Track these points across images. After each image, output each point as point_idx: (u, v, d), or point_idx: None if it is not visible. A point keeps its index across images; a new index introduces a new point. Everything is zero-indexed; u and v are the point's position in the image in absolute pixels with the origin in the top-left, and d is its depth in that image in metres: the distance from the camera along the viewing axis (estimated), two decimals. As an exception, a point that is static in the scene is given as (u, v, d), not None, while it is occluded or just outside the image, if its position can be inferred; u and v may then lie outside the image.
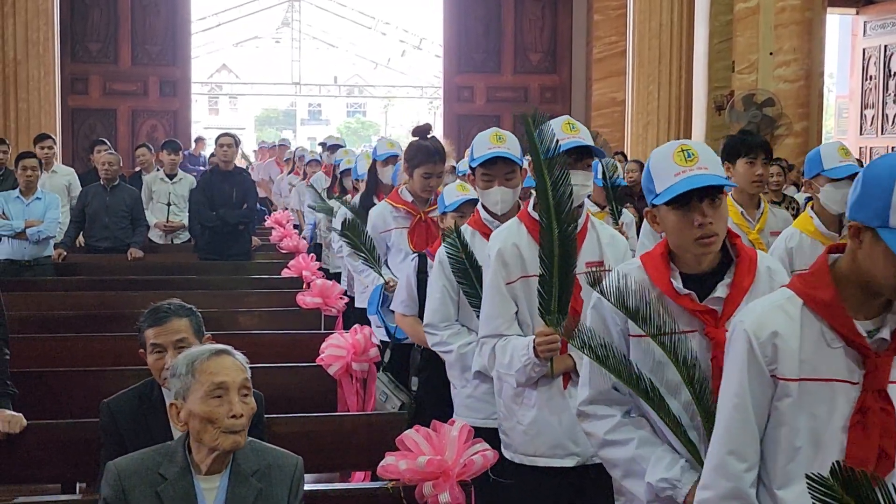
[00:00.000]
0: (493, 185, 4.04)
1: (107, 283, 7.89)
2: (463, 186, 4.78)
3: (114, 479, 2.82)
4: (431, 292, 4.21)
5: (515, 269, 3.55)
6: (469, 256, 3.95)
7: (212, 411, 2.82)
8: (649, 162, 2.86)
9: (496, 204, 4.06)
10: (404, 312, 4.73)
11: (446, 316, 4.15)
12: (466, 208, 4.63)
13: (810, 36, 12.66)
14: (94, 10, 17.04)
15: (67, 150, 15.30)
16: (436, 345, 4.18)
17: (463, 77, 18.31)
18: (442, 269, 4.13)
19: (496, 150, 4.02)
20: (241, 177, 9.34)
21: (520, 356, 3.46)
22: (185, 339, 3.47)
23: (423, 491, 3.17)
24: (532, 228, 3.53)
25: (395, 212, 5.58)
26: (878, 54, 17.19)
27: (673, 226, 2.77)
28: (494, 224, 4.00)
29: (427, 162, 5.34)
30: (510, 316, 3.58)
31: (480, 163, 4.04)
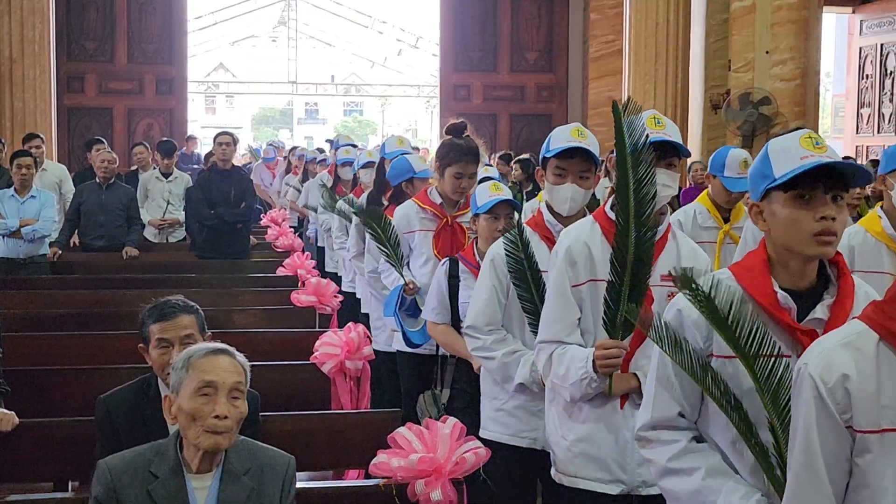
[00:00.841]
0: (565, 180, 3.70)
1: (102, 281, 7.88)
2: (496, 186, 4.49)
3: (105, 477, 2.81)
4: (479, 292, 3.92)
5: (584, 272, 3.25)
6: (529, 257, 3.66)
7: (197, 408, 2.81)
8: (767, 148, 2.50)
9: (565, 202, 3.72)
10: (436, 320, 4.53)
11: (492, 319, 3.86)
12: (500, 210, 4.39)
13: (806, 35, 12.66)
14: (91, 9, 17.02)
15: (63, 149, 15.28)
16: (477, 349, 3.88)
17: (459, 76, 18.31)
18: (493, 267, 3.85)
19: (576, 142, 3.67)
20: (240, 175, 9.36)
21: (577, 368, 3.18)
22: (191, 335, 3.48)
23: (416, 489, 3.17)
24: (607, 229, 3.23)
25: (421, 213, 5.23)
26: (875, 53, 17.20)
27: (787, 218, 2.41)
28: (558, 228, 3.71)
29: (459, 160, 5.05)
30: (572, 322, 3.27)
31: (556, 154, 3.69)
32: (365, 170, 7.93)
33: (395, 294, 5.14)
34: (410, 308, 5.08)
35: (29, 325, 6.30)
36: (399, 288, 5.11)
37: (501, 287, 3.84)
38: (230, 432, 2.83)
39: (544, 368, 3.34)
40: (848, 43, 18.33)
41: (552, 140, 3.72)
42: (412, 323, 5.04)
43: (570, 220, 3.66)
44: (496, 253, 3.85)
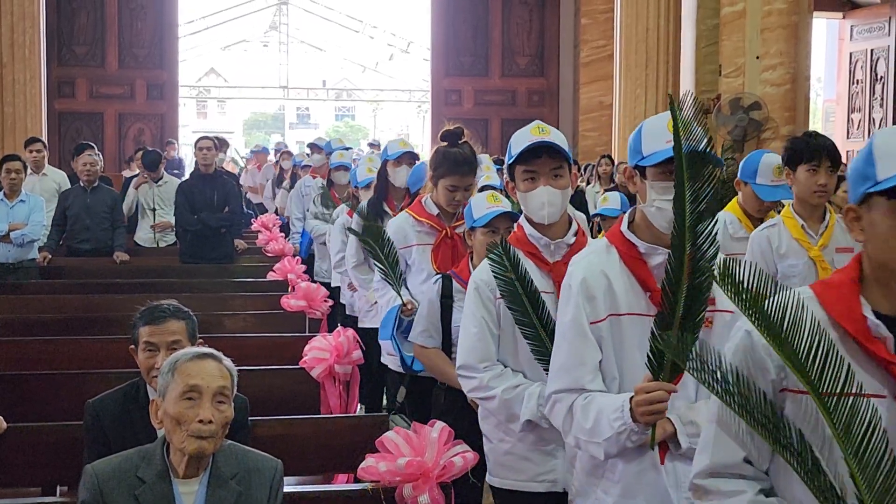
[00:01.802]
0: (537, 184, 3.32)
1: (91, 286, 7.86)
2: (495, 197, 4.11)
3: (91, 482, 2.81)
4: (466, 326, 3.47)
5: (603, 306, 2.81)
6: (522, 277, 3.18)
7: (182, 413, 2.81)
8: (871, 143, 2.07)
9: (541, 207, 3.32)
10: (424, 344, 4.16)
11: (486, 354, 3.42)
12: (500, 223, 4.01)
13: (797, 40, 12.68)
14: (81, 14, 17.03)
15: (54, 154, 15.22)
16: (474, 390, 3.44)
17: (451, 80, 18.33)
18: (479, 296, 3.43)
19: (539, 139, 3.29)
20: (223, 180, 9.32)
21: (611, 420, 2.69)
22: (179, 340, 3.47)
23: (403, 492, 3.17)
24: (627, 254, 2.84)
25: (417, 225, 4.83)
26: (865, 58, 17.26)
27: (889, 230, 1.98)
28: (542, 241, 3.37)
29: (453, 172, 4.64)
30: (594, 365, 2.81)
31: (520, 157, 3.31)
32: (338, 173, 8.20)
33: (392, 315, 4.77)
34: (408, 330, 4.62)
35: (18, 329, 6.28)
36: (396, 308, 4.75)
37: (491, 317, 3.42)
38: (215, 437, 2.82)
39: (564, 423, 2.85)
40: (838, 48, 18.39)
41: (513, 145, 3.38)
42: (410, 347, 4.60)
43: (554, 230, 3.38)
44: (479, 280, 3.45)
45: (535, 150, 3.30)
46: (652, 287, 2.78)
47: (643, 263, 2.82)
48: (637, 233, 2.85)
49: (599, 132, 17.13)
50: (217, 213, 9.02)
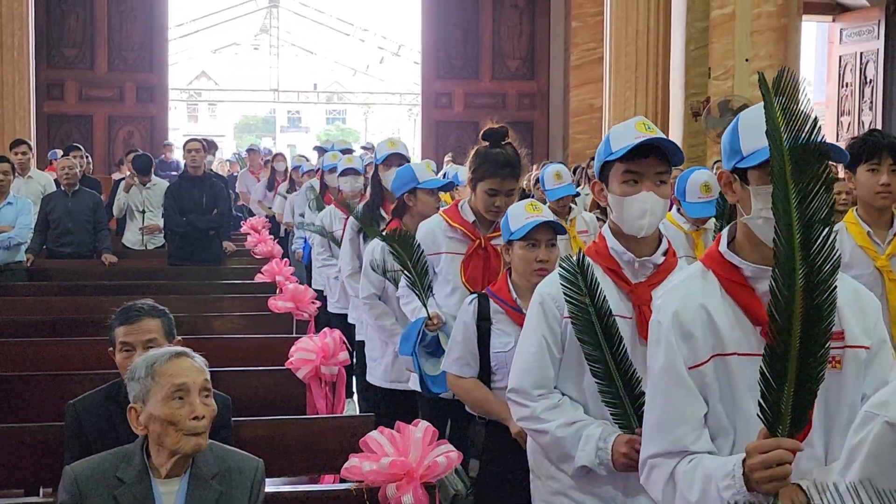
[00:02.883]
0: (640, 187, 2.85)
1: (79, 288, 7.83)
2: (534, 206, 3.67)
3: (70, 483, 2.79)
4: (524, 344, 3.06)
5: (704, 345, 2.29)
6: (597, 301, 2.74)
7: (173, 413, 2.79)
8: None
9: (643, 215, 2.85)
10: (460, 373, 3.71)
11: (542, 380, 3.00)
12: (540, 235, 3.59)
13: (786, 43, 12.71)
14: (71, 16, 17.00)
15: (43, 157, 15.20)
16: (525, 419, 3.04)
17: (441, 83, 18.34)
18: (543, 312, 3.01)
19: (647, 136, 2.83)
20: (211, 182, 9.30)
21: (721, 488, 2.16)
22: (155, 339, 3.44)
23: (387, 492, 3.15)
24: (728, 280, 2.32)
25: (449, 231, 4.40)
26: (854, 62, 17.30)
27: None
28: (626, 256, 2.93)
29: (493, 174, 4.19)
30: (698, 420, 2.28)
31: (623, 156, 2.83)
32: (344, 178, 7.76)
33: (415, 328, 4.33)
34: (431, 345, 4.30)
35: (4, 330, 6.26)
36: (421, 321, 4.32)
37: (554, 338, 2.99)
38: (207, 431, 2.83)
39: (664, 495, 2.33)
40: (828, 51, 18.43)
41: (613, 139, 2.90)
42: (433, 365, 4.26)
43: (642, 246, 2.93)
44: (546, 294, 3.02)
45: (642, 148, 2.82)
46: (763, 318, 2.20)
47: (750, 290, 2.30)
48: (740, 253, 2.32)
49: (590, 135, 17.14)
50: (206, 216, 8.99)
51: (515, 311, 3.59)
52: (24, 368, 5.30)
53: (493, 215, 4.29)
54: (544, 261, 3.58)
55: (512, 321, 3.60)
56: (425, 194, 4.99)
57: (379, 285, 5.05)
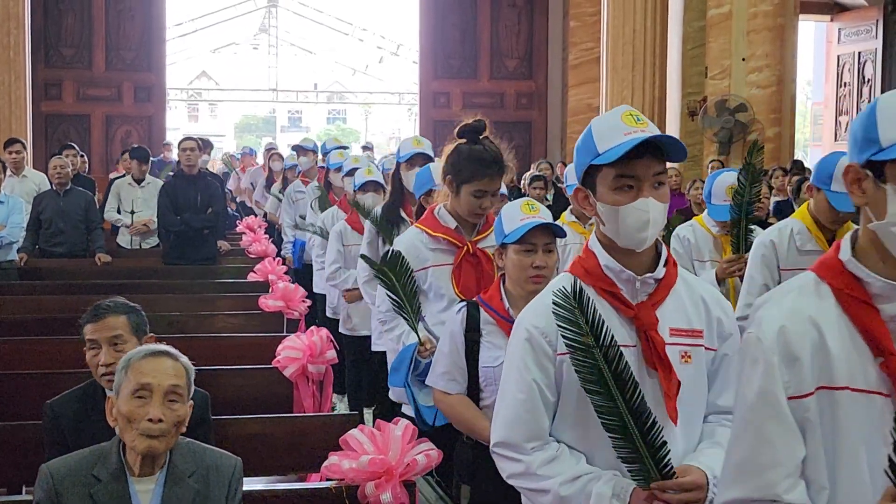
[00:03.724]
0: (636, 194, 2.41)
1: (72, 287, 7.81)
2: (530, 206, 3.36)
3: (46, 481, 2.77)
4: (510, 391, 2.53)
5: (810, 373, 1.87)
6: (608, 346, 2.26)
7: (132, 411, 2.77)
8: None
9: (642, 228, 2.41)
10: (446, 389, 3.39)
11: (536, 431, 2.50)
12: (537, 238, 3.30)
13: (783, 42, 12.71)
14: (68, 15, 16.99)
15: (40, 156, 15.21)
16: (517, 477, 2.52)
17: (439, 83, 18.34)
18: (531, 349, 2.50)
19: (640, 133, 2.38)
20: (206, 181, 9.27)
21: None
22: (120, 335, 3.44)
23: (366, 491, 3.14)
24: (849, 296, 1.90)
25: (431, 243, 4.02)
26: (852, 61, 17.30)
27: None
28: (623, 274, 2.46)
29: (481, 175, 3.85)
30: (795, 465, 1.87)
31: (617, 159, 2.37)
32: (350, 178, 7.27)
33: (406, 356, 3.92)
34: (424, 374, 3.79)
35: (-4, 330, 6.26)
36: (412, 348, 3.92)
37: (547, 379, 2.48)
38: (166, 436, 2.78)
39: None
40: (826, 51, 18.44)
41: (598, 137, 2.44)
42: (427, 395, 3.76)
43: (639, 260, 2.48)
44: (531, 326, 2.51)
45: (635, 147, 2.35)
46: (887, 348, 1.83)
47: (874, 312, 1.87)
48: (866, 263, 1.90)
49: (588, 134, 17.12)
50: (200, 215, 8.98)
51: (507, 322, 3.25)
52: (15, 367, 5.28)
53: (477, 218, 4.00)
54: (541, 267, 3.29)
55: (503, 333, 3.26)
56: None
57: None
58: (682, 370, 2.45)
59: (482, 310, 3.38)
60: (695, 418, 2.53)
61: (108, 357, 3.38)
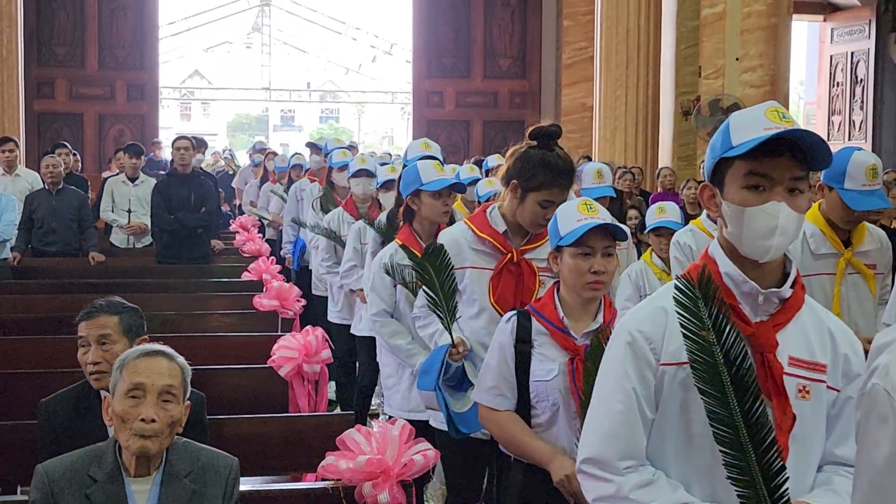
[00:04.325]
0: (767, 195, 2.12)
1: (66, 286, 7.80)
2: (588, 206, 3.09)
3: (41, 482, 2.77)
4: (606, 401, 2.23)
5: None
6: (731, 345, 2.01)
7: (126, 411, 2.77)
8: None
9: (769, 235, 2.11)
10: (494, 405, 3.13)
11: (632, 449, 2.20)
12: (595, 241, 3.03)
13: (776, 42, 12.72)
14: (61, 14, 16.96)
15: (33, 155, 15.17)
16: (603, 499, 2.21)
17: (433, 82, 18.33)
18: (633, 355, 2.20)
19: (781, 127, 2.07)
20: (200, 180, 9.25)
21: None
22: (108, 335, 3.45)
23: (363, 491, 3.13)
24: None
25: (476, 243, 3.76)
26: (845, 61, 17.32)
27: None
28: (746, 286, 2.16)
29: (553, 184, 3.56)
30: None
31: (747, 152, 2.09)
32: (357, 179, 6.96)
33: (437, 358, 3.70)
34: (455, 378, 3.69)
35: (-12, 329, 6.24)
36: (444, 349, 3.69)
37: (647, 392, 2.18)
38: (160, 436, 2.78)
39: None
40: (819, 51, 18.46)
41: (734, 129, 2.15)
42: (459, 401, 3.65)
43: (765, 273, 2.18)
44: (636, 331, 2.21)
45: (773, 144, 2.08)
46: None
47: None
48: None
49: (581, 134, 17.12)
50: (194, 214, 8.96)
51: (562, 332, 3.06)
52: (9, 367, 5.27)
53: (539, 228, 3.66)
54: (600, 272, 3.02)
55: (557, 345, 3.06)
56: (429, 197, 4.51)
57: (390, 300, 4.48)
58: (797, 406, 2.16)
59: (534, 319, 3.12)
60: (807, 462, 2.22)
61: (94, 355, 3.39)
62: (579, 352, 3.02)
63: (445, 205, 4.55)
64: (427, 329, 3.96)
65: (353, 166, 7.12)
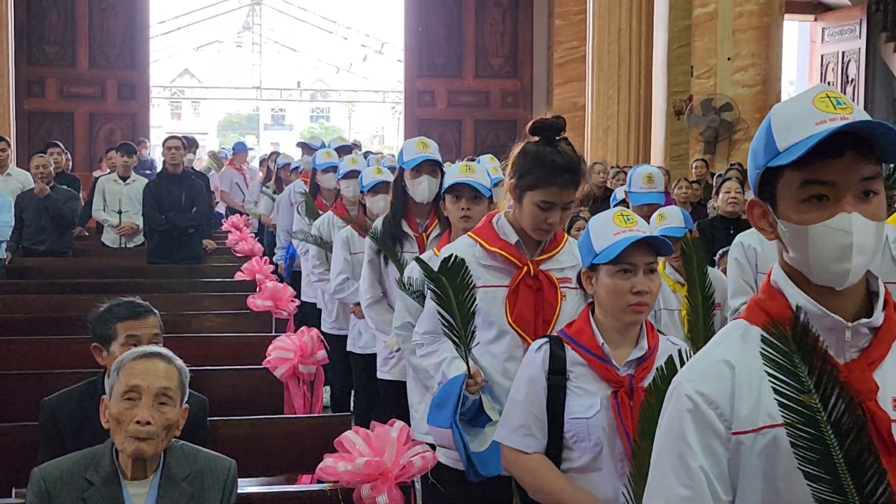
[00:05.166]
0: (834, 207, 1.67)
1: (58, 286, 7.77)
2: (625, 217, 2.73)
3: (38, 485, 2.75)
4: (667, 481, 1.74)
5: None
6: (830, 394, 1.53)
7: (121, 413, 2.76)
8: None
9: (842, 256, 1.66)
10: (522, 447, 2.75)
11: None
12: (637, 257, 2.67)
13: (768, 41, 12.74)
14: (51, 13, 16.91)
15: (23, 154, 15.11)
16: None
17: (424, 81, 18.32)
18: (697, 427, 1.73)
19: (838, 121, 1.66)
20: (191, 180, 9.21)
21: None
22: (158, 334, 3.49)
23: (361, 493, 3.12)
24: None
25: (486, 258, 3.31)
26: (836, 61, 17.36)
27: None
28: (827, 321, 1.71)
29: (548, 182, 3.13)
30: None
31: (803, 158, 1.65)
32: (347, 181, 6.56)
33: (452, 390, 3.19)
34: (471, 412, 3.23)
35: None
36: (459, 381, 3.19)
37: (719, 469, 1.72)
38: (155, 439, 2.76)
39: None
40: (810, 50, 18.49)
41: (779, 128, 1.72)
42: (476, 438, 3.19)
43: (844, 300, 1.72)
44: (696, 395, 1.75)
45: (831, 141, 1.64)
46: None
47: None
48: None
49: (573, 133, 17.05)
50: (185, 214, 8.93)
51: (603, 361, 2.70)
52: (3, 368, 5.24)
53: (542, 234, 3.26)
54: (643, 292, 2.67)
55: (597, 376, 2.69)
56: (450, 202, 4.05)
57: (417, 313, 3.86)
58: None
59: (568, 347, 2.73)
60: None
61: None
62: (623, 383, 2.66)
63: (461, 209, 4.01)
64: (432, 358, 3.45)
65: (343, 167, 6.72)
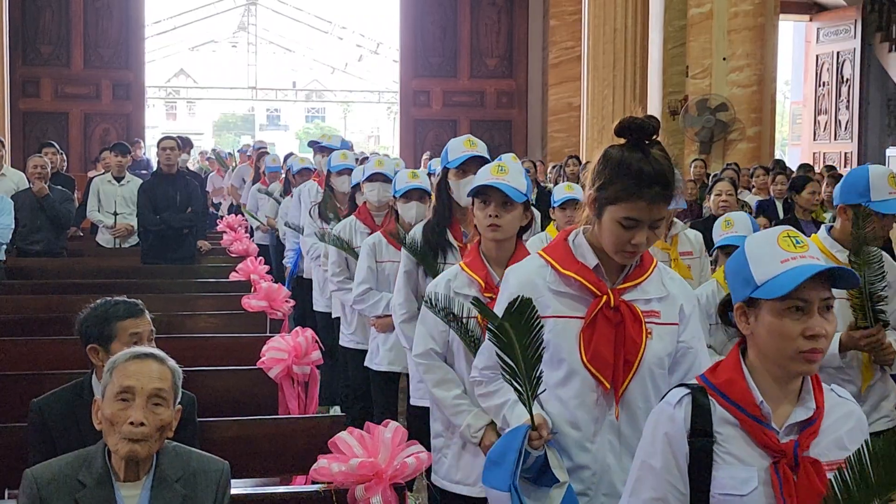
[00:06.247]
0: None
1: (52, 286, 7.75)
2: (793, 238, 2.15)
3: (30, 487, 2.73)
4: None
5: None
6: None
7: (115, 414, 2.75)
8: None
9: None
10: None
11: None
12: (811, 292, 2.09)
13: (763, 41, 12.76)
14: (46, 13, 16.88)
15: (19, 154, 15.09)
16: None
17: (419, 81, 18.31)
18: None
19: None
20: (186, 180, 9.19)
21: None
22: (153, 331, 3.53)
23: (356, 494, 3.11)
24: None
25: (558, 283, 2.77)
26: (831, 61, 17.39)
27: None
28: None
29: (634, 195, 2.56)
30: None
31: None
32: (371, 184, 6.06)
33: (513, 445, 2.68)
34: (533, 470, 2.71)
35: (-27, 330, 6.19)
36: (521, 433, 2.67)
37: None
38: (149, 440, 2.75)
39: None
40: (805, 51, 18.53)
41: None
42: (540, 502, 2.69)
43: None
44: None
45: None
46: None
47: None
48: None
49: (568, 133, 17.16)
50: (180, 214, 8.91)
51: (760, 424, 2.14)
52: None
53: (625, 258, 2.69)
54: (818, 335, 2.09)
55: (753, 441, 2.13)
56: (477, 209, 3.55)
57: (441, 338, 3.51)
58: None
59: (714, 401, 2.17)
60: None
61: None
62: (786, 453, 2.11)
63: (489, 216, 3.49)
64: (492, 399, 2.97)
65: (368, 169, 6.17)
